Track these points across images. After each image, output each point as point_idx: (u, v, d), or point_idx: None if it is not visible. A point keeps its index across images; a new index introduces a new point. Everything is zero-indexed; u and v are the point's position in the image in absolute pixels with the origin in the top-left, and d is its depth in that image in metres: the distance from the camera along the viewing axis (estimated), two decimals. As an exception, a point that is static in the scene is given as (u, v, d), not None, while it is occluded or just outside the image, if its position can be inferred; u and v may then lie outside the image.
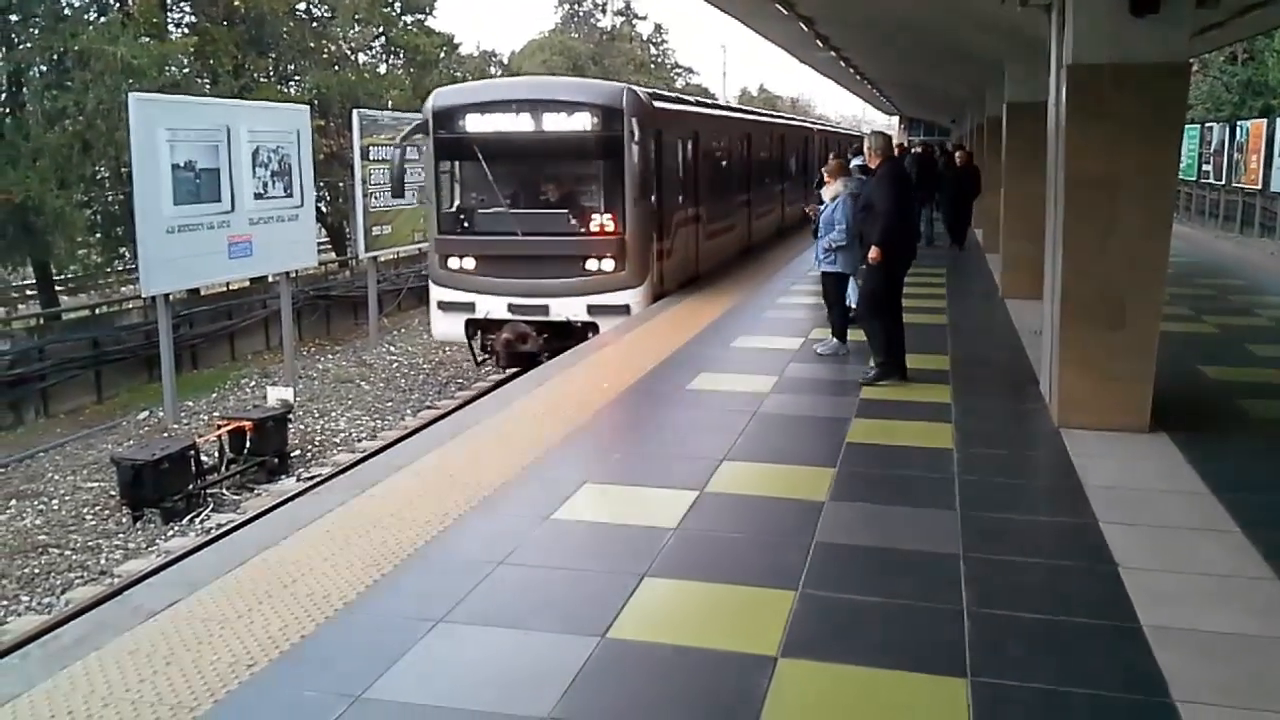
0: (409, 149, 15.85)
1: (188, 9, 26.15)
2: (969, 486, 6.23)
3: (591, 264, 13.29)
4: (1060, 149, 7.50)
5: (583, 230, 13.49)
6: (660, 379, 9.24)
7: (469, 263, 13.64)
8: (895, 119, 64.72)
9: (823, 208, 10.08)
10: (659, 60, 74.64)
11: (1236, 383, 9.20)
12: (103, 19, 21.41)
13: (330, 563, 5.15)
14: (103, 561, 10.25)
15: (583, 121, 13.17)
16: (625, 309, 13.21)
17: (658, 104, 14.74)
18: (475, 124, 13.42)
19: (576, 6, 71.68)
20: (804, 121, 36.48)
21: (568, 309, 13.35)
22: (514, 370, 13.40)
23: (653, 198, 13.86)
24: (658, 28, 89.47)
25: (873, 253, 8.52)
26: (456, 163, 14.12)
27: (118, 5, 22.39)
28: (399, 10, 33.35)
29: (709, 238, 16.97)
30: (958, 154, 21.00)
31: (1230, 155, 27.06)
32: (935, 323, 11.95)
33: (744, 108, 31.99)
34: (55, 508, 11.79)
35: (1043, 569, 5.14)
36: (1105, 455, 6.88)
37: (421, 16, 34.19)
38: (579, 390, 8.93)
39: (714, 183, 17.54)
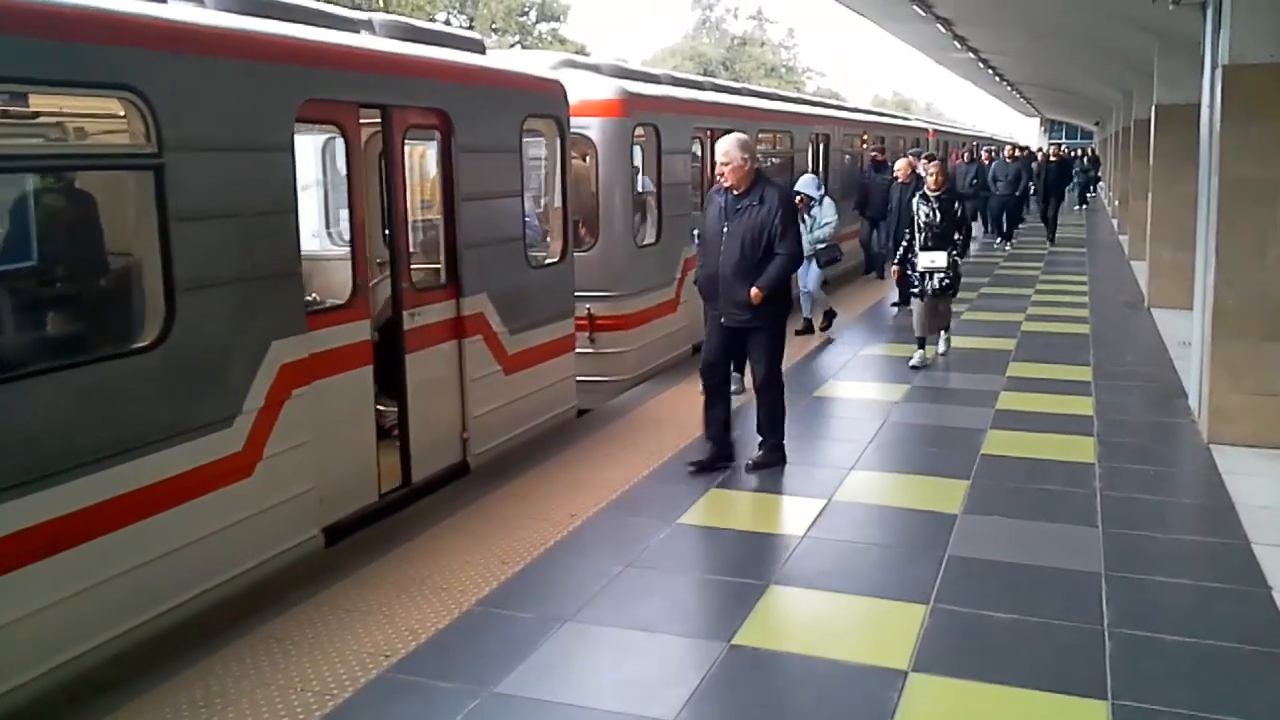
0: None
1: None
2: (1112, 503, 6.02)
3: None
4: (1214, 152, 7.20)
5: None
6: (787, 386, 9.14)
7: None
8: (1035, 120, 62.97)
9: None
10: (790, 64, 74.27)
11: None
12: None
13: (464, 559, 5.29)
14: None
15: None
16: None
17: None
18: None
19: (708, 12, 71.97)
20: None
21: None
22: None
23: None
24: (790, 32, 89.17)
25: (754, 292, 6.43)
26: None
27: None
28: (534, 19, 34.07)
29: None
30: (932, 165, 10.44)
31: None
32: (1078, 332, 11.56)
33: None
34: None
35: (1191, 590, 4.92)
36: (1258, 473, 6.57)
37: (555, 25, 34.88)
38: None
39: None
